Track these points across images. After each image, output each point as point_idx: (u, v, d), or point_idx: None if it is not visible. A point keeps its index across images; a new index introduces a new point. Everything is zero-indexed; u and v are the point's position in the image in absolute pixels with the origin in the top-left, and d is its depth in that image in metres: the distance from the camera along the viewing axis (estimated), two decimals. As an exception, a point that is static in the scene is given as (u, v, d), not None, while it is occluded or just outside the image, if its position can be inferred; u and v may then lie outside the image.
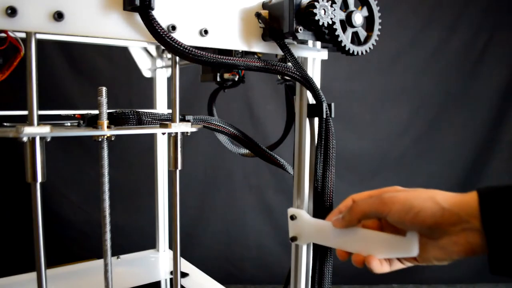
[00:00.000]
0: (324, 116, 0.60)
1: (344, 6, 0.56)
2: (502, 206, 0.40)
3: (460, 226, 0.42)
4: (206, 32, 0.54)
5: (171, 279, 0.98)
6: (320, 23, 0.52)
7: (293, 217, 0.59)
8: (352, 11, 0.55)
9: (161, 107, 1.10)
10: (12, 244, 1.67)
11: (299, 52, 0.61)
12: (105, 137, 0.57)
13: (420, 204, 0.44)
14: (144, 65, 1.08)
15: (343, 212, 0.52)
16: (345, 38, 0.55)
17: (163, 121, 0.61)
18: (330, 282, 0.60)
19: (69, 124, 0.60)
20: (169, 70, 1.07)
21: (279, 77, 0.78)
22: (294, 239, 0.60)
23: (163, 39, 0.49)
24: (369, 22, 0.59)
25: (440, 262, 0.46)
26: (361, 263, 0.50)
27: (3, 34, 0.52)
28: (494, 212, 0.40)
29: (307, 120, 0.63)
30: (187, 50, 0.50)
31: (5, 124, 0.55)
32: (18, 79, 0.53)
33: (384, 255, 0.49)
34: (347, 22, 0.56)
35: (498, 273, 0.40)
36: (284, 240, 1.98)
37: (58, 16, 0.44)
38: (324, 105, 0.60)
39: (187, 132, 0.60)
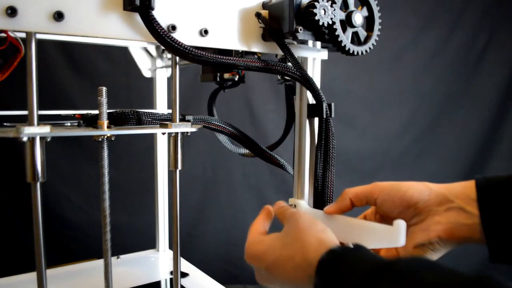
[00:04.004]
0: (324, 116, 0.60)
1: (344, 6, 0.56)
2: (500, 195, 0.41)
3: (445, 206, 0.44)
4: (206, 32, 0.54)
5: (171, 279, 0.98)
6: (320, 23, 0.52)
7: (292, 206, 0.60)
8: (352, 11, 0.55)
9: (161, 107, 1.09)
10: (12, 244, 1.67)
11: (299, 52, 0.61)
12: (105, 137, 0.57)
13: (409, 184, 0.47)
14: (144, 65, 1.08)
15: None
16: (345, 38, 0.55)
17: (163, 121, 0.61)
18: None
19: (69, 124, 0.60)
20: (169, 70, 1.07)
21: (279, 77, 0.78)
22: None
23: (163, 39, 0.49)
24: (369, 22, 0.59)
25: (419, 250, 0.46)
26: None
27: (3, 34, 0.52)
28: (492, 201, 0.41)
29: (307, 120, 0.63)
30: (187, 50, 0.50)
31: (5, 124, 0.55)
32: (18, 79, 0.53)
33: (371, 245, 0.49)
34: (347, 22, 0.56)
35: (497, 261, 0.41)
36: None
37: (58, 16, 0.44)
38: (324, 105, 0.60)
39: (187, 132, 0.60)
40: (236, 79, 0.85)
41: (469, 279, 0.27)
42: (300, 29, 0.54)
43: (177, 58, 0.58)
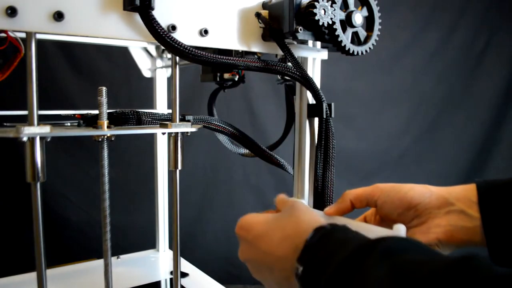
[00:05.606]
0: (324, 116, 0.60)
1: (344, 6, 0.56)
2: (501, 199, 0.41)
3: (446, 209, 0.44)
4: (206, 32, 0.54)
5: (171, 279, 0.98)
6: (320, 23, 0.52)
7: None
8: (352, 11, 0.55)
9: (161, 107, 1.09)
10: (12, 244, 1.67)
11: (299, 52, 0.61)
12: (105, 137, 0.57)
13: (410, 186, 0.47)
14: (144, 65, 1.08)
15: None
16: (345, 38, 0.55)
17: (163, 121, 0.61)
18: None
19: (69, 124, 0.60)
20: (169, 70, 1.07)
21: (279, 77, 0.78)
22: None
23: (163, 39, 0.49)
24: (369, 22, 0.59)
25: None
26: None
27: (3, 34, 0.52)
28: (493, 204, 0.41)
29: (307, 120, 0.63)
30: (187, 50, 0.50)
31: (5, 124, 0.55)
32: (18, 79, 0.53)
33: None
34: (347, 22, 0.56)
35: (497, 264, 0.41)
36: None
37: (58, 16, 0.44)
38: (324, 105, 0.60)
39: (187, 132, 0.60)
40: (236, 79, 0.85)
41: (453, 259, 0.27)
42: (300, 29, 0.54)
43: (177, 58, 0.58)
